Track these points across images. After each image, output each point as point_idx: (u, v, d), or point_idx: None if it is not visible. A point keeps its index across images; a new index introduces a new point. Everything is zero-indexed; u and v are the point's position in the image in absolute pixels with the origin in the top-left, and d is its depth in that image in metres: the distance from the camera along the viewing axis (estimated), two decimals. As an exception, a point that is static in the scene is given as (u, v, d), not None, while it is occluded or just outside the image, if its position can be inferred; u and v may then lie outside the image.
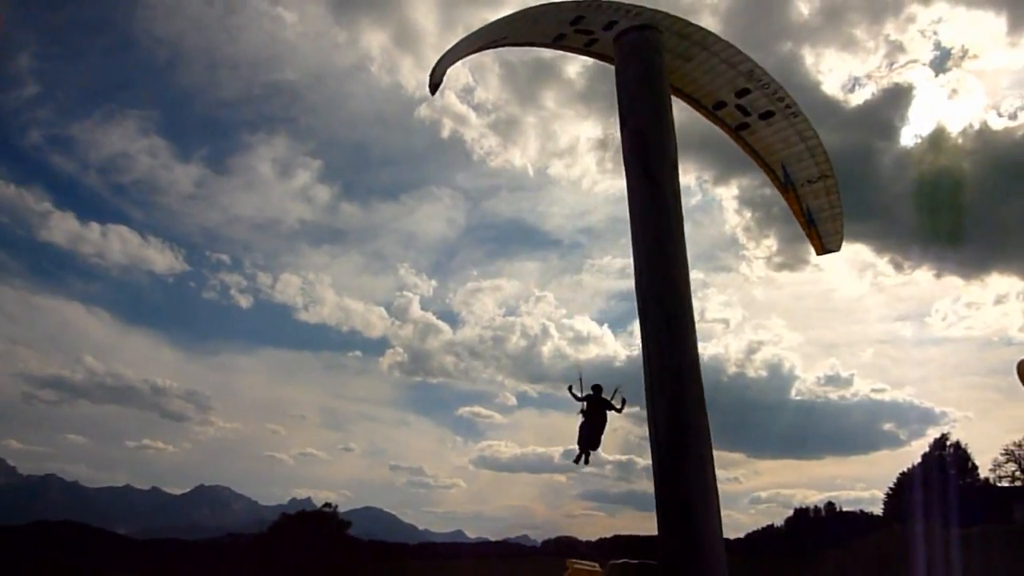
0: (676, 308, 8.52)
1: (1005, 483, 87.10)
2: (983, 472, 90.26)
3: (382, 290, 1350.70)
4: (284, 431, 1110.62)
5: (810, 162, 12.05)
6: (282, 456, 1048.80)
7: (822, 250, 13.01)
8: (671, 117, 9.76)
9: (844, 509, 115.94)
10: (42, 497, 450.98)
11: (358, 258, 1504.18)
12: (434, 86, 9.38)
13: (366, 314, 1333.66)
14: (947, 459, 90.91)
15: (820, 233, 12.77)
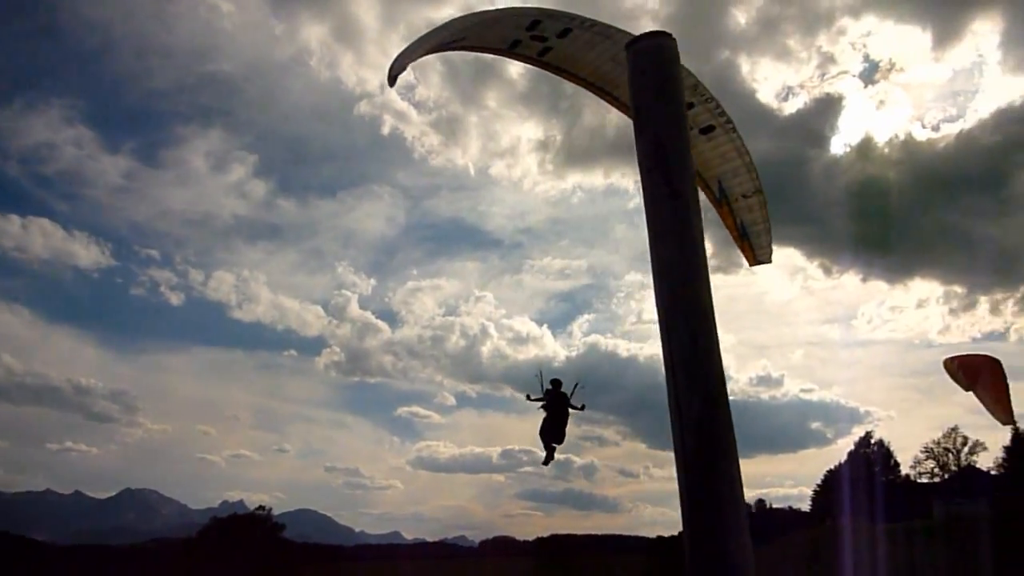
0: (701, 326, 8.33)
1: (925, 479, 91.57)
2: (904, 469, 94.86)
3: (319, 288, 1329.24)
4: (216, 432, 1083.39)
5: (746, 177, 12.18)
6: (214, 458, 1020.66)
7: (755, 261, 13.23)
8: (688, 128, 9.62)
9: (774, 506, 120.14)
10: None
11: (295, 255, 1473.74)
12: (393, 77, 9.28)
13: (302, 313, 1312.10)
14: (871, 457, 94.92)
15: (753, 246, 12.98)
